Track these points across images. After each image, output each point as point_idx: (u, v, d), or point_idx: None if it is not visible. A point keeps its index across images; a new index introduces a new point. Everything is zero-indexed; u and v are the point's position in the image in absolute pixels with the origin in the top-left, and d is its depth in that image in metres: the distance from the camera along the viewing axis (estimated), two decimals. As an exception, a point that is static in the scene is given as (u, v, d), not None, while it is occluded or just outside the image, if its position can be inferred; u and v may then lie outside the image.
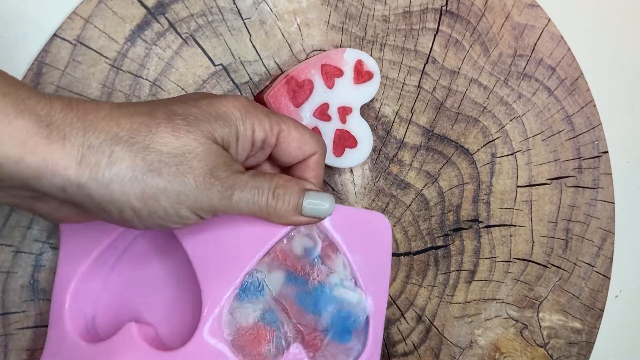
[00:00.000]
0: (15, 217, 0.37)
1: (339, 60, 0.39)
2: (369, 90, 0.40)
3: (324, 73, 0.39)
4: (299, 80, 0.38)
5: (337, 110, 0.39)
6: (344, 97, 0.39)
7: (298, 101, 0.38)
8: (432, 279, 0.44)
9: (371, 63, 0.40)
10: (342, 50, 0.39)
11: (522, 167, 0.44)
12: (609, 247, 0.45)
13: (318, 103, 0.39)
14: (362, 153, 0.40)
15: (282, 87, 0.38)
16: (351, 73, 0.39)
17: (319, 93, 0.39)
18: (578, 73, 0.44)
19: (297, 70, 0.38)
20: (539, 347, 0.46)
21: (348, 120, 0.39)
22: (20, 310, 0.37)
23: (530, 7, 0.43)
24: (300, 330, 0.36)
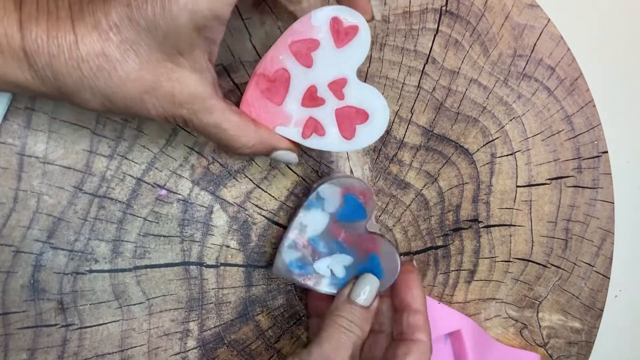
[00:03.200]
0: (15, 217, 0.37)
1: (308, 29, 0.32)
2: (358, 48, 0.33)
3: (296, 53, 0.32)
4: (270, 75, 0.33)
5: (328, 88, 0.33)
6: (330, 70, 0.33)
7: (278, 98, 0.33)
8: (432, 278, 0.44)
9: (351, 15, 0.32)
10: (307, 17, 0.32)
11: (522, 167, 0.44)
12: (608, 247, 0.45)
13: (302, 89, 0.33)
14: (378, 124, 0.34)
15: (253, 91, 0.33)
16: (329, 38, 0.32)
17: (298, 78, 0.33)
18: (578, 73, 0.44)
19: (264, 64, 0.33)
20: (539, 346, 0.46)
21: (346, 94, 0.33)
22: (20, 310, 0.37)
23: (530, 7, 0.43)
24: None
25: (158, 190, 0.39)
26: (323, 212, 0.37)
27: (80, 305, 0.38)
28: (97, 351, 0.38)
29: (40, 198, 0.37)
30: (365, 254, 0.37)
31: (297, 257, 0.37)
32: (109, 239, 0.38)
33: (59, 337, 0.38)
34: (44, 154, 0.37)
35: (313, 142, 0.34)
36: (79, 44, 0.28)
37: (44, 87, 0.29)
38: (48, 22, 0.28)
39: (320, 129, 0.34)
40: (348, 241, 0.37)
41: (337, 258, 0.37)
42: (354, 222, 0.37)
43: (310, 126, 0.34)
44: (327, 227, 0.37)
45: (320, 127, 0.34)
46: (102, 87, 0.29)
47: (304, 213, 0.37)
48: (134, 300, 0.39)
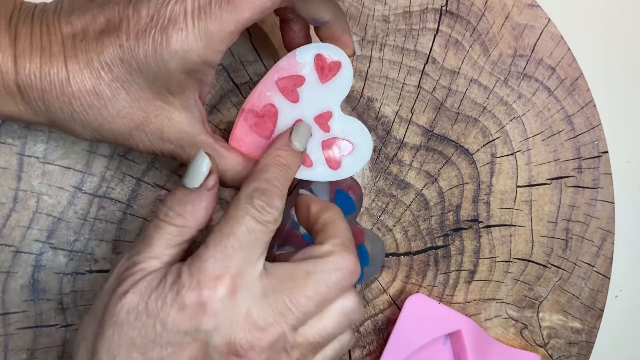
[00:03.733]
0: (15, 217, 0.37)
1: (293, 66, 0.33)
2: (341, 82, 0.34)
3: (282, 89, 0.34)
4: (258, 111, 0.34)
5: (314, 121, 0.34)
6: (316, 104, 0.34)
7: (266, 132, 0.34)
8: (432, 279, 0.44)
9: (334, 52, 0.33)
10: (292, 55, 0.33)
11: (522, 167, 0.44)
12: (608, 247, 0.45)
13: (290, 123, 0.34)
14: (361, 155, 0.35)
15: (242, 127, 0.34)
16: (314, 74, 0.34)
17: (285, 113, 0.34)
18: (578, 73, 0.44)
19: (252, 101, 0.34)
20: (539, 347, 0.46)
21: (331, 126, 0.34)
22: (20, 310, 0.37)
23: (530, 7, 0.43)
24: None
25: (158, 190, 0.39)
26: None
27: (80, 305, 0.38)
28: (97, 351, 0.38)
29: (40, 198, 0.37)
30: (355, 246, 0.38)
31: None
32: (109, 239, 0.38)
33: (59, 337, 0.38)
34: (43, 154, 0.37)
35: (301, 174, 0.34)
36: (70, 81, 0.28)
37: (36, 118, 0.30)
38: (41, 59, 0.28)
39: (308, 160, 0.34)
40: None
41: None
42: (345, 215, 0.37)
43: None
44: None
45: (308, 159, 0.34)
46: (92, 122, 0.30)
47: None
48: (133, 300, 0.39)
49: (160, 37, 0.28)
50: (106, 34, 0.29)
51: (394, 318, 0.42)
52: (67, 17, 0.29)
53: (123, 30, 0.28)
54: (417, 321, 0.42)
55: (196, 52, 0.28)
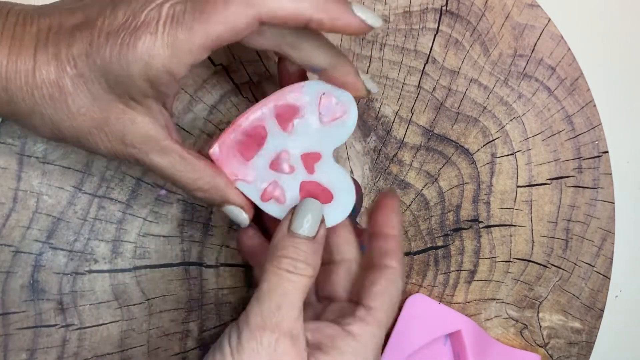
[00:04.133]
0: (15, 217, 0.37)
1: (296, 97, 0.31)
2: (341, 129, 0.32)
3: (277, 115, 0.32)
4: (248, 128, 0.32)
5: (300, 158, 0.32)
6: (307, 142, 0.32)
7: (248, 153, 0.32)
8: (432, 279, 0.43)
9: (342, 97, 0.31)
10: (299, 85, 0.32)
11: (522, 167, 0.44)
12: (609, 247, 0.45)
13: (273, 152, 0.32)
14: (339, 208, 0.32)
15: (226, 138, 0.32)
16: (315, 111, 0.32)
17: (273, 140, 0.32)
18: (578, 73, 0.44)
19: (246, 116, 0.32)
20: (539, 347, 0.46)
21: (317, 169, 0.32)
22: (20, 311, 0.37)
23: (530, 7, 0.43)
24: None
25: (158, 190, 0.39)
26: None
27: (80, 305, 0.38)
28: (97, 351, 0.38)
29: (39, 198, 0.37)
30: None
31: None
32: (109, 239, 0.38)
33: (58, 337, 0.38)
34: (43, 154, 0.37)
35: (269, 208, 0.33)
36: (35, 71, 0.28)
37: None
38: (10, 47, 0.28)
39: (282, 196, 0.32)
40: None
41: None
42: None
43: (272, 191, 0.32)
44: None
45: (282, 195, 0.32)
46: (52, 116, 0.29)
47: None
48: (133, 300, 0.39)
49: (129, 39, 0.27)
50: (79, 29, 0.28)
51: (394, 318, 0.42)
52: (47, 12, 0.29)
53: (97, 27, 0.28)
54: (417, 321, 0.42)
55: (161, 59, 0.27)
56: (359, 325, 0.30)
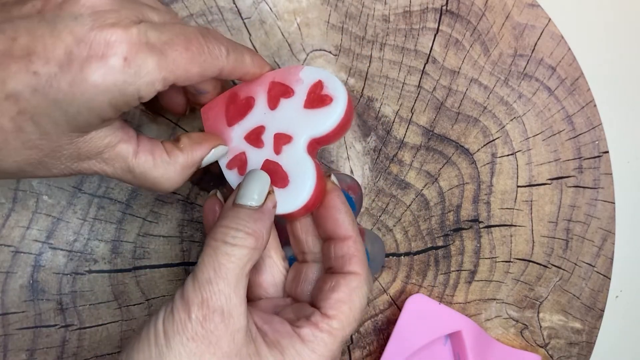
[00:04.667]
0: (14, 217, 0.36)
1: (293, 78, 0.32)
2: (323, 118, 0.31)
3: (269, 91, 0.32)
4: (240, 97, 0.33)
5: (272, 136, 0.32)
6: (285, 122, 0.31)
7: (231, 120, 0.33)
8: (432, 279, 0.43)
9: (335, 86, 0.31)
10: (299, 68, 0.32)
11: (523, 167, 0.44)
12: (609, 247, 0.45)
13: (253, 125, 0.32)
14: (290, 197, 0.30)
15: (219, 101, 0.33)
16: (303, 95, 0.31)
17: (257, 113, 0.32)
18: (578, 73, 0.44)
19: (243, 86, 0.33)
20: (540, 347, 0.45)
21: (284, 152, 0.31)
22: (19, 311, 0.37)
23: (531, 7, 0.43)
24: None
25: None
26: None
27: (80, 305, 0.38)
28: (97, 352, 0.38)
29: (39, 198, 0.37)
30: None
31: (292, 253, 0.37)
32: (109, 239, 0.38)
33: (58, 337, 0.38)
34: (43, 153, 0.37)
35: (230, 175, 0.32)
36: None
37: None
38: None
39: (244, 168, 0.32)
40: None
41: None
42: None
43: (237, 161, 0.32)
44: None
45: (244, 167, 0.32)
46: None
47: None
48: (133, 300, 0.39)
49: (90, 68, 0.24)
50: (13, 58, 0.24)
51: (394, 318, 0.42)
52: None
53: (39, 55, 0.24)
54: (417, 321, 0.42)
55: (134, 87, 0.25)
56: (310, 329, 0.28)
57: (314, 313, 0.28)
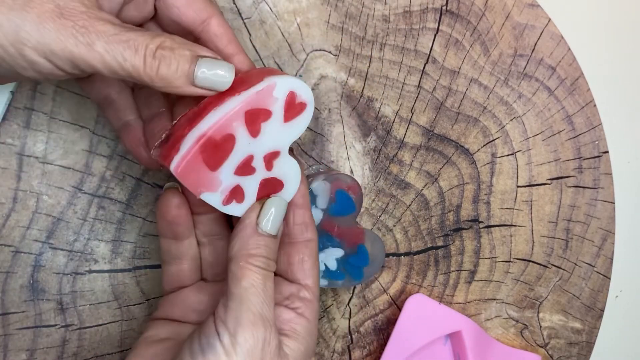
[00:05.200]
0: (14, 217, 0.36)
1: (267, 100, 0.30)
2: (300, 124, 0.32)
3: (248, 121, 0.30)
4: (217, 139, 0.29)
5: (262, 159, 0.31)
6: (271, 142, 0.31)
7: (214, 164, 0.30)
8: (432, 279, 0.43)
9: (305, 92, 0.31)
10: (271, 87, 0.30)
11: (523, 167, 0.44)
12: (609, 247, 0.45)
13: (240, 158, 0.31)
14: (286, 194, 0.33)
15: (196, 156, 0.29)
16: (281, 111, 0.31)
17: (241, 147, 0.30)
18: (578, 73, 0.44)
19: (218, 127, 0.29)
20: (539, 347, 0.45)
21: (275, 165, 0.32)
22: (19, 311, 0.37)
23: (531, 7, 0.43)
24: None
25: (158, 190, 0.39)
26: (316, 208, 0.38)
27: (80, 305, 0.38)
28: (97, 352, 0.38)
29: (39, 198, 0.37)
30: (355, 246, 0.39)
31: None
32: (109, 239, 0.38)
33: (58, 337, 0.38)
34: (43, 154, 0.37)
35: (229, 209, 0.32)
36: None
37: None
38: None
39: (241, 196, 0.32)
40: (339, 234, 0.38)
41: (330, 252, 0.38)
42: (345, 215, 0.38)
43: (234, 194, 0.32)
44: (321, 222, 0.38)
45: (242, 195, 0.32)
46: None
47: None
48: (133, 300, 0.39)
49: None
50: None
51: (394, 318, 0.42)
52: None
53: None
54: (417, 321, 0.42)
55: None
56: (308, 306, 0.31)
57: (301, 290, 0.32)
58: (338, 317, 0.42)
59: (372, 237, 0.39)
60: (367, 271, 0.39)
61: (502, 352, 0.44)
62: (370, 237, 0.39)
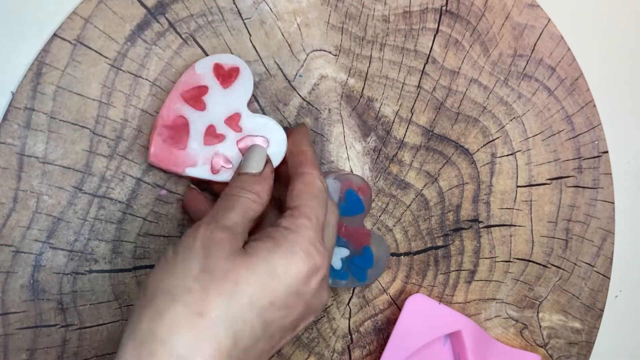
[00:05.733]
0: (15, 217, 0.37)
1: (194, 78, 0.36)
2: (243, 85, 0.37)
3: (188, 100, 0.36)
4: (169, 124, 0.36)
5: (225, 124, 0.36)
6: (223, 109, 0.36)
7: (181, 143, 0.36)
8: (432, 279, 0.43)
9: (229, 59, 0.37)
10: (191, 68, 0.36)
11: (522, 167, 0.44)
12: (608, 247, 0.45)
13: (202, 130, 0.36)
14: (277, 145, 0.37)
15: (156, 142, 0.36)
16: (215, 81, 0.36)
17: (196, 122, 0.36)
18: (578, 73, 0.44)
19: (162, 116, 0.36)
20: (539, 347, 0.46)
21: (243, 126, 0.36)
22: (20, 310, 0.37)
23: (530, 7, 0.43)
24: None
25: (158, 190, 0.39)
26: None
27: (80, 305, 0.38)
28: (97, 351, 0.38)
29: (39, 198, 0.37)
30: (360, 247, 0.39)
31: None
32: (109, 239, 0.38)
33: (58, 337, 0.38)
34: (43, 154, 0.37)
35: (223, 176, 0.36)
36: None
37: None
38: None
39: (227, 161, 0.36)
40: (346, 234, 0.39)
41: (336, 251, 0.38)
42: (353, 216, 0.38)
43: (217, 162, 0.36)
44: None
45: (227, 160, 0.36)
46: None
47: None
48: (133, 300, 0.39)
49: None
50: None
51: (394, 318, 0.42)
52: None
53: None
54: (417, 321, 0.42)
55: None
56: (288, 219, 0.32)
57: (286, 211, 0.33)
58: (338, 316, 0.42)
59: (378, 239, 0.39)
60: (371, 273, 0.39)
61: (501, 352, 0.44)
62: (376, 239, 0.39)
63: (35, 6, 0.38)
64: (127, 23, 0.38)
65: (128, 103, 0.38)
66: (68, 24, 0.37)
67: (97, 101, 0.37)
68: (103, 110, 0.37)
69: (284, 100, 0.40)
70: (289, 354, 0.42)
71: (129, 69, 0.38)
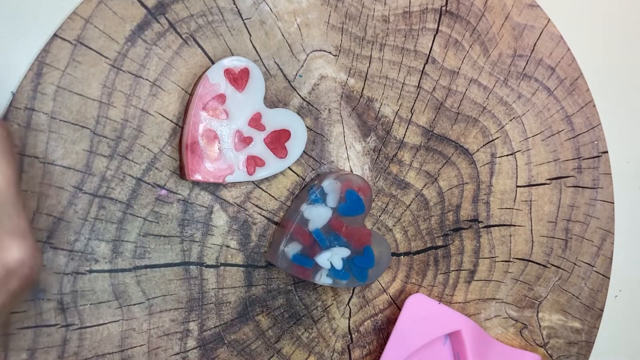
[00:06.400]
0: (15, 217, 0.37)
1: (210, 89, 0.37)
2: (256, 83, 0.38)
3: (210, 111, 0.37)
4: (201, 138, 0.37)
5: (249, 125, 0.38)
6: (244, 112, 0.38)
7: (214, 154, 0.37)
8: (432, 278, 0.44)
9: (236, 62, 0.38)
10: (205, 79, 0.37)
11: (522, 167, 0.44)
12: (608, 247, 0.45)
13: (231, 137, 0.38)
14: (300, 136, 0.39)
15: (192, 159, 0.37)
16: (230, 87, 0.37)
17: (223, 131, 0.37)
18: (578, 73, 0.44)
19: (190, 134, 0.37)
20: (539, 346, 0.46)
21: (265, 123, 0.38)
22: (20, 310, 0.37)
23: (530, 7, 0.43)
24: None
25: (158, 190, 0.39)
26: (326, 206, 0.38)
27: (80, 305, 0.38)
28: (97, 351, 0.38)
29: (40, 198, 0.37)
30: (361, 247, 0.39)
31: (299, 250, 0.38)
32: (109, 239, 0.38)
33: (59, 337, 0.38)
34: (44, 154, 0.37)
35: (259, 175, 0.38)
36: None
37: None
38: None
39: (260, 161, 0.38)
40: (347, 234, 0.39)
41: (337, 251, 0.39)
42: (354, 216, 0.39)
43: (251, 163, 0.38)
44: (329, 221, 0.38)
45: (259, 160, 0.38)
46: None
47: (307, 207, 0.38)
48: (134, 300, 0.39)
49: None
50: None
51: (394, 318, 0.42)
52: None
53: None
54: (417, 321, 0.42)
55: None
56: None
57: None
58: (338, 316, 0.42)
59: (379, 239, 0.40)
60: (372, 273, 0.39)
61: (501, 352, 0.44)
62: (377, 239, 0.39)
63: (35, 6, 0.38)
64: (127, 23, 0.38)
65: (128, 103, 0.38)
66: (68, 24, 0.37)
67: (97, 101, 0.37)
68: (103, 110, 0.37)
69: (284, 100, 0.40)
70: (289, 353, 0.42)
71: (129, 69, 0.38)
